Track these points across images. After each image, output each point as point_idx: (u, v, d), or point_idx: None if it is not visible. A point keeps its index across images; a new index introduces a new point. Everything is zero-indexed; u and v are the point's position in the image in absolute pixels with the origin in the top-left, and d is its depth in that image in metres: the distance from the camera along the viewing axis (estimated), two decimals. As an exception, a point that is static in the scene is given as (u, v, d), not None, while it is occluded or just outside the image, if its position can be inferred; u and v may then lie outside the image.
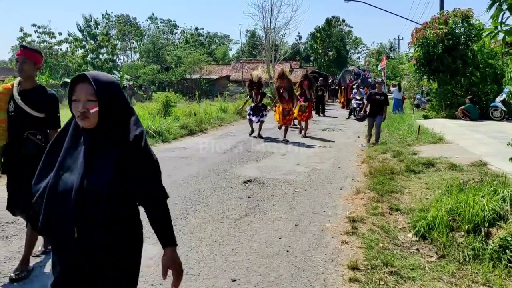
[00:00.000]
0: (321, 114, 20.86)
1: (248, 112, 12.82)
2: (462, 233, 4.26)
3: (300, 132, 13.27)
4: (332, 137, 12.91)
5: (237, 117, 18.45)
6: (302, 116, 13.15)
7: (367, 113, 11.13)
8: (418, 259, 3.92)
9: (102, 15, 60.97)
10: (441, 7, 20.45)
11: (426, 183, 6.44)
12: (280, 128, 12.82)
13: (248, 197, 6.22)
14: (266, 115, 12.66)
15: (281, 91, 12.27)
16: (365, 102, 12.05)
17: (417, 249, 4.16)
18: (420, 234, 4.42)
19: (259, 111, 12.50)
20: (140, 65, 48.41)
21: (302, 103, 13.08)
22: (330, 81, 34.66)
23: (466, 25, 15.75)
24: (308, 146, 11.16)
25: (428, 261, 3.90)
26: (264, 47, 36.54)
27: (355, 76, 28.97)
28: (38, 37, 39.54)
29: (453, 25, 15.80)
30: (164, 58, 52.55)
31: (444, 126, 11.87)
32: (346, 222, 4.97)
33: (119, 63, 52.17)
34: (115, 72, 40.24)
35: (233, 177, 7.47)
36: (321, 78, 23.79)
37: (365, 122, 11.71)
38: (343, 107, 25.01)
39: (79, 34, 38.93)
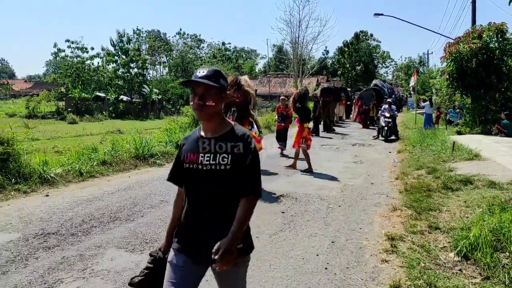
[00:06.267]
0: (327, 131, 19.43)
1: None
2: (508, 253, 4.12)
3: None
4: (362, 152, 12.76)
5: (265, 131, 18.46)
6: None
7: None
8: (462, 280, 3.79)
9: (133, 30, 62.91)
10: (473, 22, 20.13)
11: (465, 201, 6.25)
12: None
13: (282, 212, 6.19)
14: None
15: (232, 109, 7.28)
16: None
17: (460, 270, 4.03)
18: (462, 254, 4.28)
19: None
20: (168, 79, 49.45)
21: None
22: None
23: (500, 39, 15.41)
24: (339, 161, 11.05)
25: (472, 282, 3.77)
26: (291, 62, 36.74)
27: (374, 94, 23.79)
28: (71, 52, 40.89)
29: (487, 39, 15.48)
30: (192, 72, 53.44)
31: (480, 142, 11.55)
32: (384, 240, 4.87)
33: (149, 77, 53.29)
34: (145, 86, 41.21)
35: (265, 191, 7.45)
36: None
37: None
38: (364, 127, 22.60)
39: (112, 49, 40.11)
